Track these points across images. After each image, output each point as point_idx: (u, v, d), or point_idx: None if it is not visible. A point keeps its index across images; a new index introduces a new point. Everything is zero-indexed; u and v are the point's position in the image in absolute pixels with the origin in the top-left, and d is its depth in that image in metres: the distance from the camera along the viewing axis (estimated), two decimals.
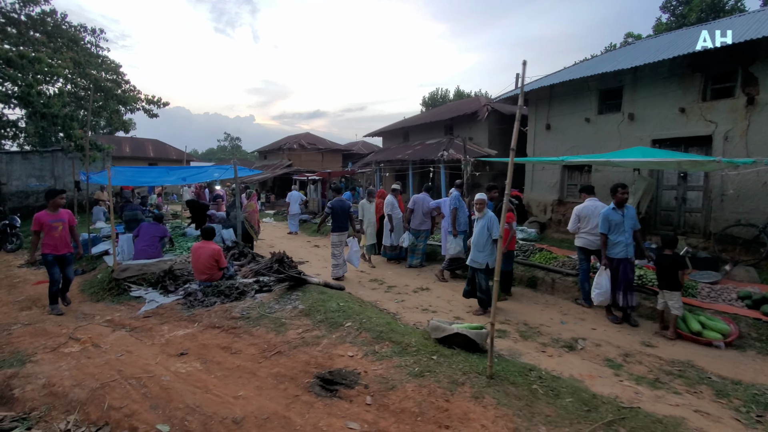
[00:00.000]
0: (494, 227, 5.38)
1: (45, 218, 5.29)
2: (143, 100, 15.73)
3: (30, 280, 7.45)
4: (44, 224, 5.27)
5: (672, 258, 4.76)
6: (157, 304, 5.36)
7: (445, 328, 3.92)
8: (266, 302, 5.06)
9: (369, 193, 8.41)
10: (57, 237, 5.32)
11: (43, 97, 9.81)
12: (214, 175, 8.45)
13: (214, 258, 5.77)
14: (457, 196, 7.34)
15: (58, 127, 10.54)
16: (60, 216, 5.39)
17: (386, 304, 5.86)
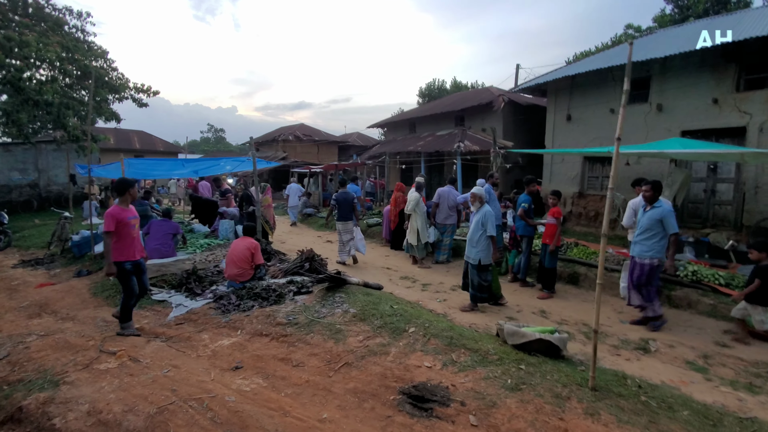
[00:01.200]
0: (489, 223, 5.14)
1: (122, 215, 4.15)
2: (131, 88, 14.85)
3: (30, 282, 6.85)
4: (121, 222, 4.13)
5: None
6: (186, 309, 4.91)
7: (525, 334, 3.62)
8: (310, 305, 4.67)
9: (419, 186, 8.02)
10: (133, 238, 4.27)
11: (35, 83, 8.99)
12: (226, 168, 7.92)
13: (250, 251, 5.33)
14: (488, 190, 7.04)
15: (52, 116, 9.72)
16: (134, 212, 4.39)
17: (429, 304, 5.53)
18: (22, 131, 9.61)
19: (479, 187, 5.75)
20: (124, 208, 4.24)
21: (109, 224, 4.08)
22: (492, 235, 5.16)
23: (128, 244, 4.19)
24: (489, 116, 12.08)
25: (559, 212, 5.75)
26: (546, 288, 5.98)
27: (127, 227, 4.17)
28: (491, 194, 7.08)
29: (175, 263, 6.36)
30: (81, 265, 7.72)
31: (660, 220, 4.64)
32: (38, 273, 7.64)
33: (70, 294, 5.99)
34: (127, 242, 4.17)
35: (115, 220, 4.10)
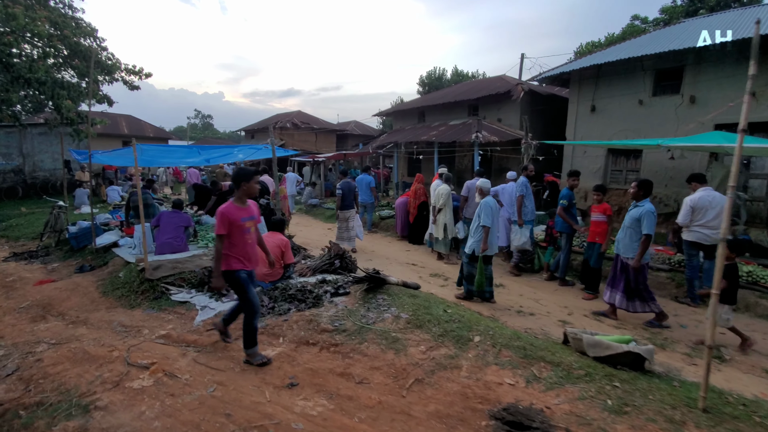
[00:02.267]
0: (483, 213, 5.15)
1: (236, 215, 3.34)
2: (122, 69, 13.94)
3: (27, 279, 6.26)
4: (234, 224, 3.33)
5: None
6: (214, 312, 4.44)
7: (609, 345, 3.28)
8: (353, 309, 4.26)
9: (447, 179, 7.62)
10: (250, 243, 3.48)
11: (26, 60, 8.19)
12: (239, 156, 7.37)
13: (281, 249, 4.88)
14: (524, 183, 6.70)
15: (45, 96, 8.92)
16: (251, 211, 3.52)
17: (472, 305, 5.18)
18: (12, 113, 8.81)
19: (485, 180, 5.70)
20: (239, 206, 3.40)
21: (221, 226, 3.28)
22: (485, 225, 5.09)
23: (243, 250, 3.40)
24: (505, 106, 11.67)
25: (608, 209, 5.39)
26: (589, 288, 5.67)
27: (241, 230, 3.36)
28: (527, 187, 6.73)
29: (192, 259, 5.86)
30: (82, 260, 7.15)
31: (638, 218, 4.57)
32: (34, 268, 7.03)
33: (76, 293, 5.45)
34: (242, 248, 3.39)
35: (227, 221, 3.29)
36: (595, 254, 5.43)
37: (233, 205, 3.38)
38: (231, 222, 3.31)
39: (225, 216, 3.30)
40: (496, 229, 5.32)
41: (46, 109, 11.80)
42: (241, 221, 3.35)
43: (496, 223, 5.27)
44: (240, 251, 3.38)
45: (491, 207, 5.21)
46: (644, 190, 4.69)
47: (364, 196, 10.00)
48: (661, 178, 8.61)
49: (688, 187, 5.39)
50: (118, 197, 13.58)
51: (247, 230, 3.40)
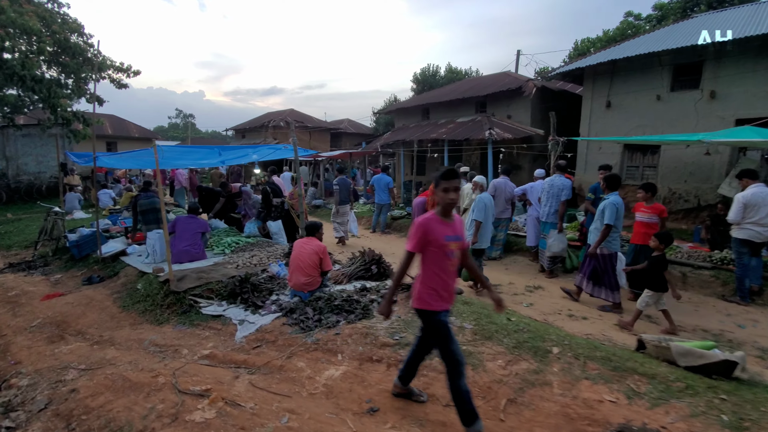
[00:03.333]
0: (476, 208, 5.42)
1: (438, 231, 2.42)
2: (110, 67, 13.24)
3: (32, 293, 5.76)
4: (435, 243, 2.42)
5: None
6: (255, 327, 4.10)
7: (703, 354, 3.09)
8: (407, 319, 3.97)
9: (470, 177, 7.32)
10: (452, 272, 2.53)
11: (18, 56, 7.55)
12: (253, 156, 6.98)
13: (319, 255, 4.54)
14: (568, 185, 6.36)
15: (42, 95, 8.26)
16: (457, 229, 2.54)
17: (520, 310, 4.96)
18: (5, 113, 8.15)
19: (481, 176, 6.03)
20: (443, 220, 2.45)
21: (415, 241, 2.42)
22: (476, 220, 5.38)
23: (443, 281, 2.47)
24: (515, 102, 11.52)
25: (664, 211, 5.12)
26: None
27: (442, 253, 2.44)
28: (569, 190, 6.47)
29: (216, 268, 5.47)
30: (87, 270, 6.66)
31: (602, 210, 4.88)
32: (36, 280, 6.51)
33: (92, 308, 5.01)
34: (441, 278, 2.46)
35: (425, 238, 2.40)
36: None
37: (436, 217, 2.45)
38: (431, 240, 2.40)
39: (424, 230, 2.40)
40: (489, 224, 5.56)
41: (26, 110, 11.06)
42: (444, 240, 2.41)
43: (488, 218, 5.50)
44: (439, 282, 2.45)
45: (485, 203, 5.45)
46: (608, 183, 5.08)
47: (382, 195, 9.72)
48: (680, 173, 8.59)
49: (738, 183, 5.27)
50: (110, 201, 12.92)
51: (450, 254, 2.45)
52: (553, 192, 6.33)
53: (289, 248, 6.04)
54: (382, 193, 9.80)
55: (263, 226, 7.51)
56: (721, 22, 8.65)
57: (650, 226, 5.06)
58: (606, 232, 4.84)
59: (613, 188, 5.05)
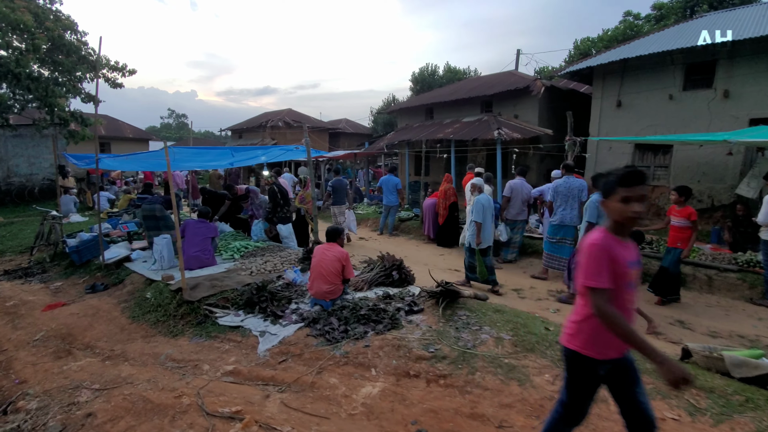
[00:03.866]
0: (475, 210, 5.66)
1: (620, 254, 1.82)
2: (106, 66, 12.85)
3: (32, 303, 5.45)
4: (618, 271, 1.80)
5: None
6: (278, 339, 3.87)
7: (758, 365, 2.95)
8: (439, 329, 3.78)
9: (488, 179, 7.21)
10: (630, 309, 1.90)
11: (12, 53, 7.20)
12: (261, 158, 6.74)
13: (341, 263, 4.33)
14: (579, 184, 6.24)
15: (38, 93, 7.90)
16: (633, 252, 1.91)
17: (550, 317, 4.79)
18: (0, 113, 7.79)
19: (479, 178, 6.30)
20: (619, 239, 1.87)
21: (606, 273, 1.78)
22: (475, 221, 5.60)
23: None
24: (522, 102, 11.38)
25: (693, 214, 4.96)
26: (666, 294, 5.22)
27: (624, 283, 1.84)
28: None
29: (229, 275, 5.22)
30: (90, 277, 6.37)
31: (586, 208, 5.18)
32: (35, 288, 6.19)
33: (99, 319, 4.74)
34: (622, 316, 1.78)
35: (610, 264, 1.79)
36: (673, 259, 5.05)
37: (611, 236, 1.86)
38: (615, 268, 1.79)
39: (610, 255, 1.80)
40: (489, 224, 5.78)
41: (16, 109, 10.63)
42: (627, 267, 1.83)
43: (487, 219, 5.72)
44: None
45: (482, 204, 5.68)
46: (594, 182, 5.23)
47: (391, 197, 9.52)
48: (693, 174, 8.50)
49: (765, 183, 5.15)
50: (107, 204, 12.54)
51: (630, 284, 1.87)
52: (573, 194, 6.12)
53: (304, 253, 5.82)
54: (390, 195, 9.60)
55: (270, 229, 7.26)
56: (733, 21, 8.59)
57: (680, 230, 4.91)
58: (589, 229, 4.88)
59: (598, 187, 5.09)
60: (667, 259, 5.07)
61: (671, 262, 5.03)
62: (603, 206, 1.93)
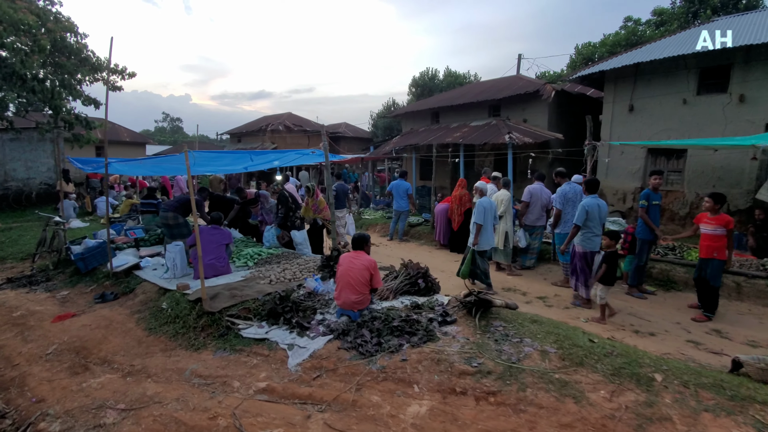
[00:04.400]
0: (476, 212, 5.87)
1: None
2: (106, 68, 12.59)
3: (39, 313, 5.22)
4: None
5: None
6: (308, 353, 3.68)
7: None
8: (479, 342, 3.62)
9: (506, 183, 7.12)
10: None
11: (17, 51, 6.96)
12: (274, 162, 6.57)
13: (369, 272, 4.16)
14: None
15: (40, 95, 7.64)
16: None
17: (584, 326, 4.64)
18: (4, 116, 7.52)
19: (482, 182, 6.57)
20: None
21: None
22: (476, 223, 5.84)
23: None
24: (531, 106, 11.32)
25: (731, 222, 4.78)
26: (707, 310, 4.99)
27: None
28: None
29: (248, 284, 5.03)
30: (98, 286, 6.14)
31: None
32: (41, 297, 5.95)
33: (113, 331, 4.52)
34: None
35: None
36: (715, 271, 4.81)
37: None
38: None
39: None
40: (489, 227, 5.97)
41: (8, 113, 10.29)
42: None
43: (488, 221, 5.90)
44: None
45: (484, 207, 5.87)
46: (587, 186, 5.50)
47: (401, 202, 9.38)
48: (708, 179, 8.45)
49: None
50: (109, 209, 12.25)
51: None
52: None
53: (323, 260, 5.64)
54: (400, 200, 9.45)
55: (283, 235, 7.08)
56: (748, 25, 8.58)
57: (715, 238, 4.76)
58: (575, 231, 5.29)
59: (591, 191, 5.41)
60: (708, 272, 4.84)
61: (713, 275, 4.81)
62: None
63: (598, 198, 5.34)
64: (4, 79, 7.02)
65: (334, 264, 5.46)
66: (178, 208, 6.03)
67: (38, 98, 7.78)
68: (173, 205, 6.06)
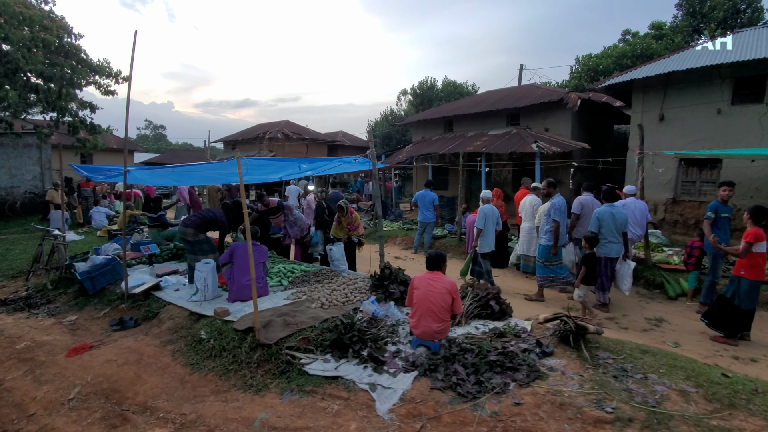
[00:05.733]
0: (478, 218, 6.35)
1: None
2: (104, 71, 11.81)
3: (48, 344, 4.48)
4: None
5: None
6: (397, 394, 3.12)
7: None
8: (596, 379, 3.12)
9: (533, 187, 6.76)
10: None
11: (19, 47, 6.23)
12: (323, 170, 6.03)
13: (451, 296, 3.64)
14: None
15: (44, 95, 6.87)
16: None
17: (678, 351, 4.21)
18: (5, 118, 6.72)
19: (487, 191, 6.89)
20: None
21: None
22: (477, 227, 6.32)
23: None
24: (553, 115, 11.08)
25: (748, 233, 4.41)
26: (728, 334, 4.57)
27: None
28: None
29: (299, 309, 4.42)
30: (111, 309, 5.41)
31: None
32: (46, 324, 5.18)
33: (145, 367, 3.85)
34: None
35: None
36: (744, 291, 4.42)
37: None
38: None
39: None
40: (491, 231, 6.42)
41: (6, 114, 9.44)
42: None
43: (488, 226, 6.36)
44: None
45: (485, 213, 6.35)
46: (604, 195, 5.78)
47: (427, 213, 8.89)
48: (745, 189, 8.26)
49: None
50: (105, 221, 11.37)
51: None
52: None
53: (374, 279, 5.08)
54: (426, 211, 8.98)
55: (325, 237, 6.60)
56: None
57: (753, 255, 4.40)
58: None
59: (607, 200, 5.68)
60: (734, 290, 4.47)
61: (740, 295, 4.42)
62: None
63: (613, 206, 5.58)
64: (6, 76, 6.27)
65: (389, 284, 4.93)
66: (199, 225, 5.39)
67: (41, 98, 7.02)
68: (195, 223, 5.41)
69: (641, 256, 6.76)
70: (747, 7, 15.56)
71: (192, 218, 5.63)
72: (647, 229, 6.65)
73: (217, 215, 5.71)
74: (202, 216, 5.64)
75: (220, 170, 4.71)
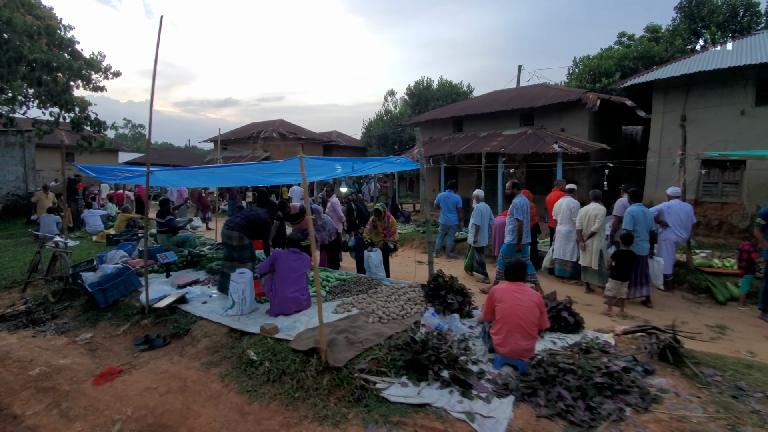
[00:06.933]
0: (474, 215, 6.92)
1: None
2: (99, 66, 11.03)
3: (68, 369, 3.94)
4: None
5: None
6: (502, 425, 2.75)
7: None
8: (717, 401, 2.84)
9: (596, 196, 6.60)
10: None
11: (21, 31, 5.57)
12: (372, 170, 5.69)
13: (539, 309, 3.31)
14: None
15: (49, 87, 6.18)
16: None
17: None
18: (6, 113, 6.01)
19: (480, 190, 7.36)
20: None
21: None
22: (475, 224, 6.89)
23: None
24: (569, 115, 10.93)
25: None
26: None
27: None
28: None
29: (358, 324, 4.00)
30: (131, 325, 4.86)
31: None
32: (58, 343, 4.60)
33: (193, 396, 3.37)
34: None
35: None
36: None
37: None
38: None
39: None
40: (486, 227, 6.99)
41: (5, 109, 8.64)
42: None
43: (484, 222, 6.93)
44: None
45: (481, 211, 6.92)
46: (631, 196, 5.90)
47: (450, 216, 8.57)
48: (766, 190, 8.26)
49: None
50: (100, 224, 10.60)
51: None
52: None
53: (427, 289, 4.71)
54: (449, 213, 8.65)
55: None
56: None
57: None
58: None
59: (635, 200, 5.83)
60: None
61: None
62: None
63: (642, 206, 5.74)
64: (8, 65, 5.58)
65: (446, 293, 4.57)
66: (244, 227, 4.91)
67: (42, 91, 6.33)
68: (239, 224, 4.92)
69: (682, 260, 6.59)
70: (745, 11, 15.90)
71: (236, 220, 5.11)
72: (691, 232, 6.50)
73: (261, 215, 5.19)
74: (245, 217, 5.12)
75: (275, 170, 4.24)
